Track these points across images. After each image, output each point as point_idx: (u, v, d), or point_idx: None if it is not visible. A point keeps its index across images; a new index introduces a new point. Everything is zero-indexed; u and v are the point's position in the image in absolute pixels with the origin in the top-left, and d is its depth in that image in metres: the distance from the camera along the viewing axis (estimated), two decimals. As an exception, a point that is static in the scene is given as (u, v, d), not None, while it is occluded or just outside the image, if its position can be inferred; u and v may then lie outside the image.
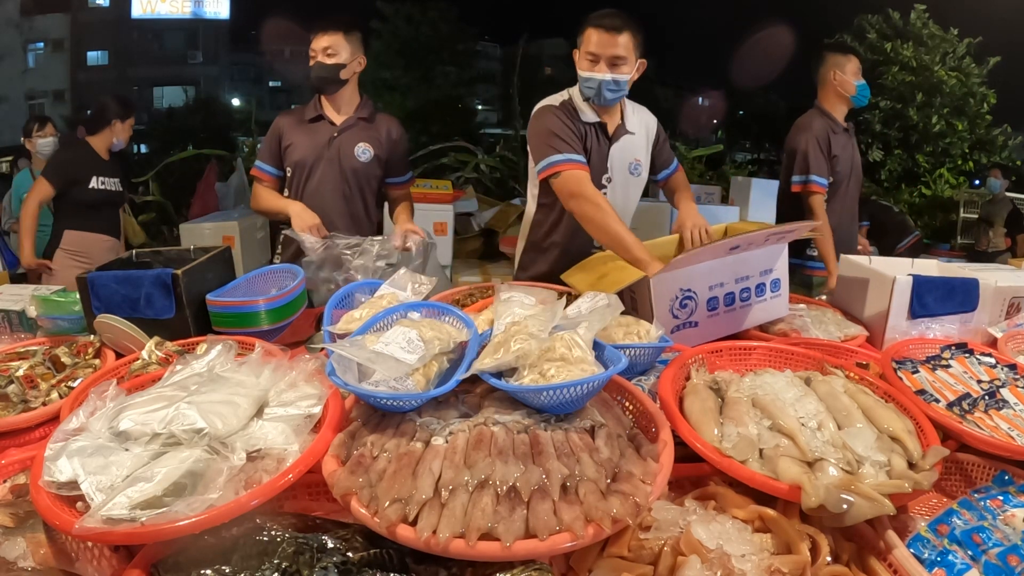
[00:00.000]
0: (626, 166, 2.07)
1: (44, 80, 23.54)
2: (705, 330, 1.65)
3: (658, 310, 1.56)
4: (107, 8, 25.22)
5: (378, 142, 2.31)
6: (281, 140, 2.27)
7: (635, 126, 2.09)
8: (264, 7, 21.75)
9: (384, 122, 2.35)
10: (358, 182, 2.30)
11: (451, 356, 1.10)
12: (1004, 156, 9.20)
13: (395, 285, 1.57)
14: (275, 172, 2.30)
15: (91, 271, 1.56)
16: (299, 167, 2.26)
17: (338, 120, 2.28)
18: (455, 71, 13.53)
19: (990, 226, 6.21)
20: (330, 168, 2.25)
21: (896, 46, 9.27)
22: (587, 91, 1.92)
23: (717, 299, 1.66)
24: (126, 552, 0.88)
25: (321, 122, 2.27)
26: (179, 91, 22.18)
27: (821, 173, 2.54)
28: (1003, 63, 9.15)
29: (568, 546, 0.78)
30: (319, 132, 2.26)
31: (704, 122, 21.09)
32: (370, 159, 2.29)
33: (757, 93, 18.84)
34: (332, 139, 2.26)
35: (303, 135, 2.26)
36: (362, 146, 2.28)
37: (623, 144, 2.05)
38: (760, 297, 1.73)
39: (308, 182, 2.26)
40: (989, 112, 9.26)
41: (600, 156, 2.01)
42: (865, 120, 8.95)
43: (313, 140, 2.25)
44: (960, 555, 0.88)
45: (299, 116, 2.30)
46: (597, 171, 2.01)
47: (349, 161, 2.27)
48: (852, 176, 2.66)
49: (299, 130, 2.27)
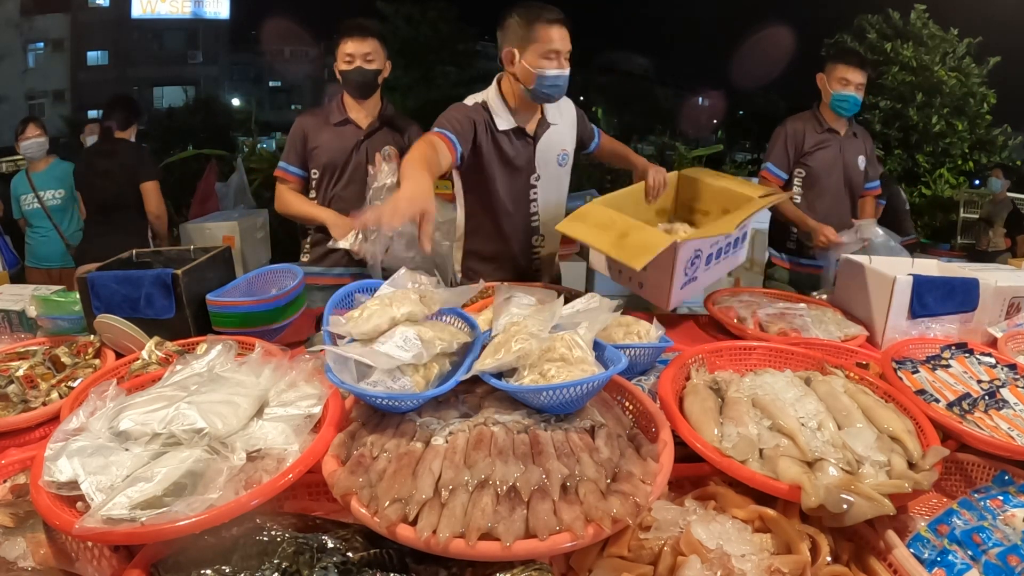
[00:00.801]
0: (553, 159, 2.05)
1: (44, 80, 23.55)
2: (700, 283, 1.90)
3: (678, 270, 1.73)
4: (107, 8, 25.23)
5: (399, 144, 2.32)
6: (307, 142, 2.28)
7: (555, 116, 2.04)
8: (264, 7, 21.80)
9: (404, 123, 2.37)
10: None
11: (454, 358, 1.10)
12: (1004, 156, 9.21)
13: (395, 285, 1.57)
14: (301, 173, 2.30)
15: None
16: (327, 170, 2.27)
17: (364, 124, 2.29)
18: (455, 71, 13.52)
19: (990, 226, 6.20)
20: (358, 172, 2.26)
21: (896, 46, 9.28)
22: (549, 90, 1.84)
23: (712, 255, 1.89)
24: (126, 552, 0.88)
25: (348, 126, 2.28)
26: (179, 91, 22.19)
27: (779, 165, 2.70)
28: (1003, 63, 9.16)
29: (568, 546, 0.78)
30: (346, 136, 2.27)
31: (704, 122, 21.13)
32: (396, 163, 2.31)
33: (757, 93, 18.87)
34: (359, 143, 2.27)
35: (330, 138, 2.27)
36: (387, 150, 2.27)
37: (547, 139, 2.01)
38: (735, 249, 2.02)
39: (336, 185, 2.28)
40: (989, 112, 9.28)
41: (525, 158, 1.98)
42: (865, 120, 8.96)
43: (341, 143, 2.26)
44: (960, 555, 0.88)
45: (323, 118, 2.30)
46: (525, 173, 1.99)
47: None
48: (833, 175, 2.69)
49: (325, 133, 2.27)
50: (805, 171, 2.70)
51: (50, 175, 3.71)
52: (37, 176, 3.68)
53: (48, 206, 3.66)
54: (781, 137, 2.70)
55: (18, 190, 3.72)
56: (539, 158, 2.01)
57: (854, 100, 2.58)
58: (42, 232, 3.70)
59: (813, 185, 2.69)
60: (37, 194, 3.65)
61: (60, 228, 3.71)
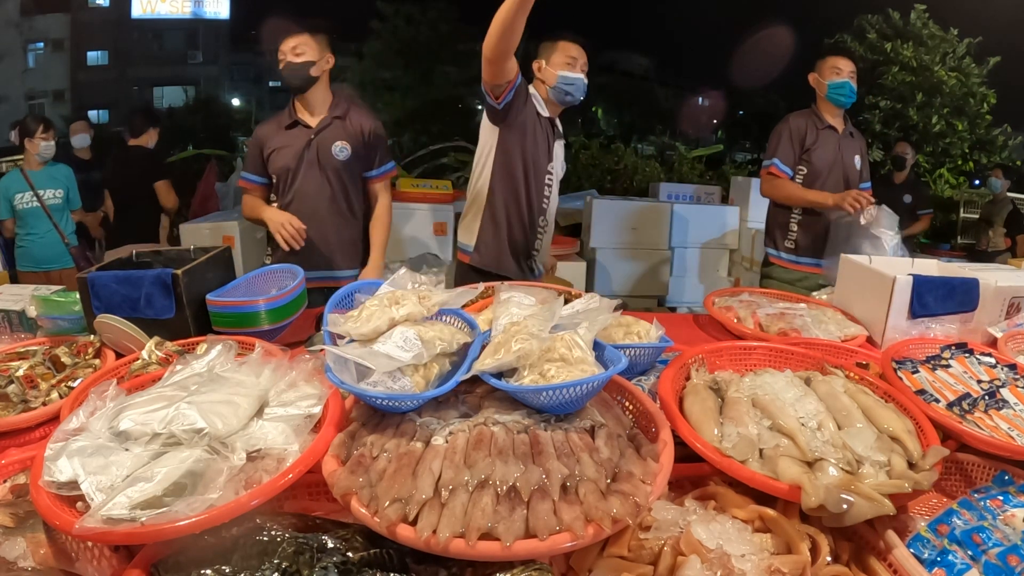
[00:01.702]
0: (559, 164, 2.41)
1: (44, 80, 23.53)
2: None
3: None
4: (107, 8, 25.20)
5: (355, 138, 2.36)
6: (263, 149, 2.34)
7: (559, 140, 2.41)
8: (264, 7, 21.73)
9: (358, 117, 2.40)
10: (341, 181, 2.36)
11: (454, 358, 1.10)
12: (1004, 156, 9.22)
13: (395, 285, 1.57)
14: (261, 181, 2.38)
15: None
16: (282, 174, 2.33)
17: (313, 122, 2.32)
18: (455, 71, 13.53)
19: (990, 226, 6.19)
20: (311, 171, 2.31)
21: (896, 46, 9.28)
22: (568, 89, 2.22)
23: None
24: (126, 552, 0.88)
25: (297, 127, 2.33)
26: (179, 91, 22.20)
27: (786, 160, 2.68)
28: (1003, 63, 9.16)
29: (568, 546, 0.78)
30: (297, 137, 2.32)
31: (704, 122, 21.13)
32: (348, 156, 2.35)
33: (757, 93, 18.86)
34: (310, 142, 2.31)
35: (282, 142, 2.33)
36: (339, 144, 2.33)
37: (560, 145, 2.39)
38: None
39: (293, 187, 2.33)
40: (989, 112, 9.28)
41: (548, 145, 2.31)
42: (865, 120, 8.96)
43: (292, 146, 2.31)
44: (960, 555, 0.88)
45: (277, 124, 2.36)
46: (545, 157, 2.31)
47: (329, 161, 2.32)
48: (832, 174, 2.69)
49: (278, 137, 2.33)
50: (806, 168, 2.69)
51: (49, 175, 3.67)
52: (36, 175, 3.62)
53: (48, 205, 3.64)
54: (785, 132, 2.69)
55: (11, 189, 3.58)
56: (555, 155, 2.34)
57: (850, 87, 2.60)
58: (39, 233, 3.63)
59: (813, 183, 2.68)
60: (37, 193, 3.59)
61: (60, 227, 3.69)
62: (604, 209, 4.69)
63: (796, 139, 2.68)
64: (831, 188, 2.69)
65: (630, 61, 29.24)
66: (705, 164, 8.15)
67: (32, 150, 3.61)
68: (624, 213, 4.75)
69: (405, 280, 1.51)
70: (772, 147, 2.74)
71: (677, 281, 4.93)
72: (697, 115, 20.75)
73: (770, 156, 2.73)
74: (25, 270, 3.64)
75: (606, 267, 4.71)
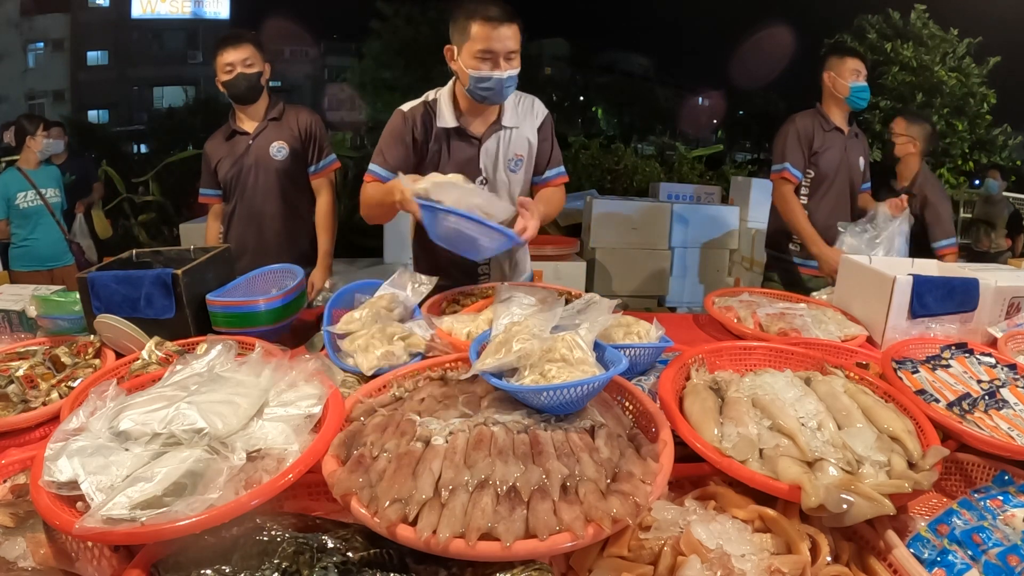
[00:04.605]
0: (504, 164, 1.89)
1: (44, 80, 23.52)
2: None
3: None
4: (107, 8, 25.21)
5: (291, 136, 2.41)
6: (211, 163, 2.44)
7: (515, 119, 1.89)
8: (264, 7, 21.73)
9: (293, 114, 2.45)
10: (281, 181, 2.42)
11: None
12: (1004, 156, 9.22)
13: (395, 285, 1.58)
14: (217, 193, 2.49)
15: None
16: (228, 184, 2.42)
17: (251, 128, 2.40)
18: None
19: (991, 227, 6.18)
20: (254, 176, 2.40)
21: (896, 46, 9.29)
22: (483, 92, 1.72)
23: None
24: (126, 552, 0.88)
25: (236, 136, 2.41)
26: (179, 91, 22.16)
27: (796, 164, 2.63)
28: (1003, 63, 9.17)
29: (568, 546, 0.78)
30: (237, 145, 2.40)
31: (704, 122, 21.14)
32: (287, 155, 2.40)
33: (757, 93, 18.87)
34: (248, 148, 2.38)
35: (225, 153, 2.41)
36: (276, 145, 2.39)
37: (498, 141, 1.87)
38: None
39: (240, 194, 2.41)
40: (989, 112, 9.28)
41: (466, 159, 1.85)
42: (865, 120, 8.96)
43: (233, 155, 2.40)
44: (960, 555, 0.88)
45: (220, 137, 2.45)
46: (466, 175, 1.62)
47: (268, 163, 2.38)
48: (839, 176, 2.67)
49: (221, 149, 2.42)
50: (813, 171, 2.65)
51: (46, 175, 3.68)
52: (35, 174, 3.62)
53: (50, 203, 3.65)
54: (793, 135, 2.62)
55: (11, 188, 3.53)
56: (484, 161, 1.86)
57: (868, 91, 2.61)
58: (43, 231, 3.63)
59: (819, 186, 2.65)
60: (39, 191, 3.59)
61: (63, 225, 3.71)
62: (604, 209, 4.70)
63: (804, 141, 2.62)
64: (837, 191, 2.68)
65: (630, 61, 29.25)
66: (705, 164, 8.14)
67: (34, 147, 3.59)
68: (624, 213, 4.76)
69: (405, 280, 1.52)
70: (780, 150, 2.66)
71: (677, 281, 4.94)
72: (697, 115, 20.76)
73: (780, 160, 2.64)
74: (28, 270, 3.59)
75: (606, 267, 4.72)
